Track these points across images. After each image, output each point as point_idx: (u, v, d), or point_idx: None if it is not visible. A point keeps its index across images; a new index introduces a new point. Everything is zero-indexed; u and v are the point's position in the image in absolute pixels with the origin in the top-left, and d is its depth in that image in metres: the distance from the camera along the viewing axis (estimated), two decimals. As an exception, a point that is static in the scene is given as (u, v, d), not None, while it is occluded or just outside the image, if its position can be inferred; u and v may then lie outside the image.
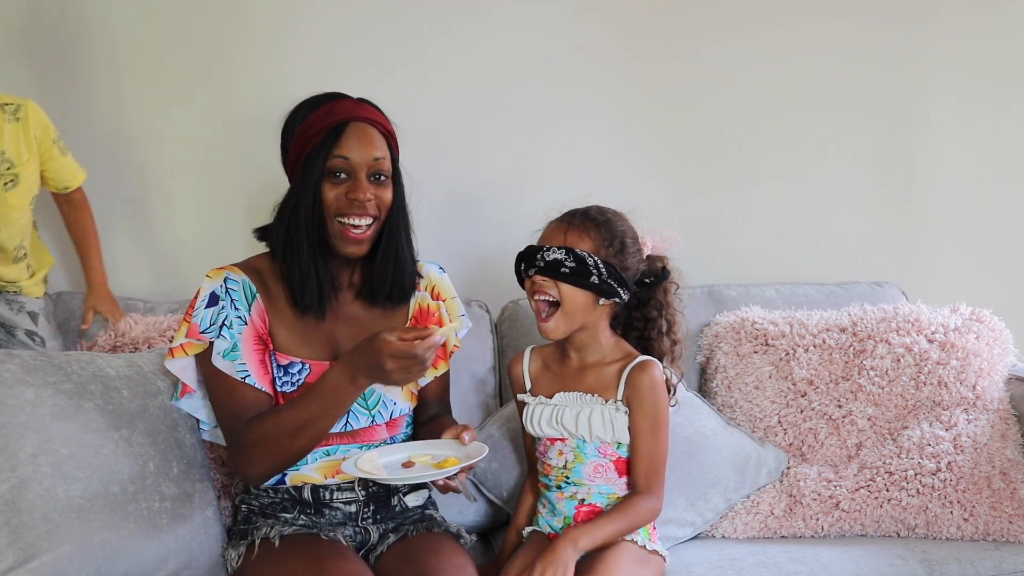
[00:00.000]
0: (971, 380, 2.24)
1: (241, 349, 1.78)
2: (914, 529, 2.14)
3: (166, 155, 2.55)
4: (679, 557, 2.02)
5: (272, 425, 1.74)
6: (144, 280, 2.53)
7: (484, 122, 2.65)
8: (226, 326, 1.78)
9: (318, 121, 1.78)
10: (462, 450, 1.77)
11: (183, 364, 1.84)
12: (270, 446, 1.74)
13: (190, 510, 1.85)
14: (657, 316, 1.96)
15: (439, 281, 2.02)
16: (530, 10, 2.65)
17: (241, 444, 1.76)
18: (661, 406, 1.89)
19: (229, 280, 1.81)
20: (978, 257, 2.84)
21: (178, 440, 1.90)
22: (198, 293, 1.82)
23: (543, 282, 1.86)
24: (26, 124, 2.11)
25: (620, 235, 1.90)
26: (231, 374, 1.77)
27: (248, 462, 1.76)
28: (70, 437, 1.75)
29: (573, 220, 1.89)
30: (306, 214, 1.78)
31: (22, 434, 1.72)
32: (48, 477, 1.70)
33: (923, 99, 2.81)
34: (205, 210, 2.57)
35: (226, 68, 2.55)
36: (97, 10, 2.49)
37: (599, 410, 1.89)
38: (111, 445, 1.79)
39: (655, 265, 1.97)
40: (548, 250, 1.85)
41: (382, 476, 1.72)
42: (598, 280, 1.84)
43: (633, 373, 1.89)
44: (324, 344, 1.86)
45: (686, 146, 2.74)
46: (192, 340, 1.80)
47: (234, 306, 1.79)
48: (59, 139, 2.20)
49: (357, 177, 1.79)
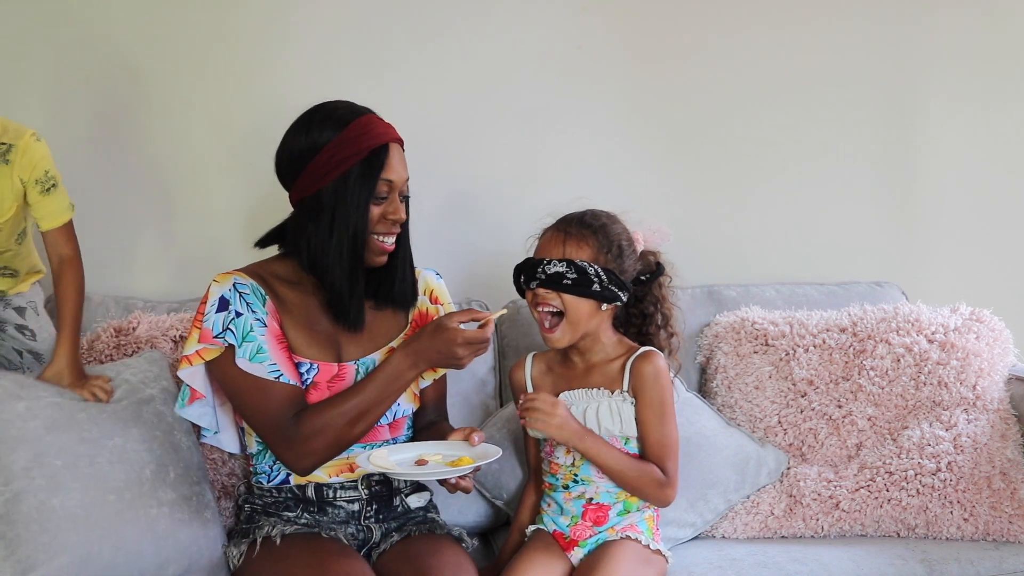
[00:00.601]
0: (971, 380, 2.24)
1: (268, 350, 1.81)
2: (914, 529, 2.15)
3: (166, 156, 2.55)
4: (679, 557, 2.02)
5: (333, 415, 1.80)
6: (144, 280, 2.53)
7: (483, 122, 2.65)
8: (246, 330, 1.80)
9: (354, 142, 1.82)
10: (474, 451, 1.80)
11: (192, 371, 1.85)
12: (330, 435, 1.80)
13: (188, 514, 1.85)
14: (654, 311, 1.99)
15: (437, 286, 2.07)
16: (530, 10, 2.65)
17: (293, 437, 1.80)
18: (667, 394, 1.90)
19: (239, 284, 1.84)
20: (978, 257, 2.84)
21: (174, 443, 1.91)
22: (206, 298, 1.84)
23: (546, 294, 1.87)
24: (12, 167, 1.91)
25: (617, 239, 1.91)
26: (263, 376, 1.80)
27: (302, 453, 1.80)
28: (63, 448, 1.76)
29: (570, 229, 1.90)
30: (353, 232, 1.82)
31: (14, 447, 1.73)
32: (43, 489, 1.70)
33: (923, 99, 2.80)
34: (205, 211, 2.56)
35: (226, 69, 2.54)
36: (97, 11, 2.49)
37: (606, 403, 1.90)
38: (106, 454, 1.80)
39: (649, 261, 1.98)
40: (548, 263, 1.86)
41: (401, 471, 1.75)
42: (600, 288, 1.86)
43: (637, 363, 1.90)
44: (329, 345, 1.90)
45: (686, 146, 2.74)
46: (207, 346, 1.81)
47: (250, 309, 1.82)
48: (47, 179, 1.95)
49: (394, 197, 1.87)
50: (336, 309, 1.87)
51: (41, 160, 1.94)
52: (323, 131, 1.83)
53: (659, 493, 1.89)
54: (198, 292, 2.35)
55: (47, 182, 1.95)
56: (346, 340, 1.91)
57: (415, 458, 1.80)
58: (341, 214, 1.82)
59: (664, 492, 1.89)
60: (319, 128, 1.84)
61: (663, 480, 1.89)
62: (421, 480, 1.86)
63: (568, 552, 1.91)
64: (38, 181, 1.93)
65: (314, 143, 1.83)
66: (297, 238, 1.87)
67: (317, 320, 1.90)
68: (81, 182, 2.47)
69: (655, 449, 1.89)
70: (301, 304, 1.89)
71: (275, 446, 1.83)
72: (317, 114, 1.86)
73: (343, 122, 1.84)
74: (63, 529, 1.69)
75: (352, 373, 1.90)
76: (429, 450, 1.83)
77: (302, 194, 1.85)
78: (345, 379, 1.89)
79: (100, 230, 2.43)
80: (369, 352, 1.93)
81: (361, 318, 1.88)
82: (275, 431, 1.81)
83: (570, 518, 1.93)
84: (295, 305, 1.89)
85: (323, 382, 1.87)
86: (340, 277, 1.84)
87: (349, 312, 1.86)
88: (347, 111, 1.86)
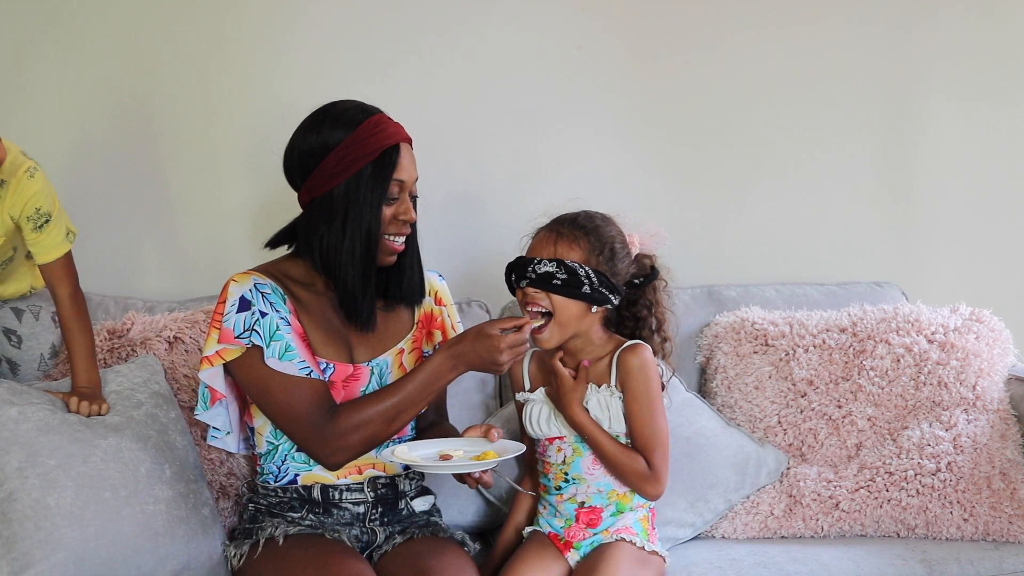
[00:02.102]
0: (971, 380, 2.24)
1: (295, 347, 1.82)
2: (914, 529, 2.15)
3: (172, 156, 2.55)
4: (679, 558, 2.03)
5: (372, 412, 1.83)
6: (149, 280, 2.53)
7: (484, 122, 2.65)
8: (272, 329, 1.81)
9: (365, 142, 1.82)
10: (494, 446, 1.83)
11: (212, 372, 1.86)
12: (368, 431, 1.83)
13: (186, 511, 1.85)
14: (647, 315, 1.98)
15: (440, 288, 2.09)
16: (530, 10, 2.65)
17: (327, 433, 1.81)
18: (653, 385, 1.90)
19: (259, 284, 1.84)
20: (978, 257, 2.83)
21: (169, 443, 1.92)
22: (224, 298, 1.84)
23: (535, 294, 1.87)
24: (3, 203, 1.88)
25: (609, 241, 1.90)
26: (294, 373, 1.81)
27: (337, 448, 1.82)
28: (56, 448, 1.77)
29: (562, 230, 1.89)
30: (366, 233, 1.83)
31: (7, 449, 1.74)
32: (36, 488, 1.71)
33: (923, 98, 2.80)
34: (210, 211, 2.57)
35: (230, 69, 2.54)
36: (104, 13, 2.49)
37: (595, 398, 1.90)
38: (99, 453, 1.80)
39: (644, 264, 1.97)
40: (539, 263, 1.86)
41: (429, 465, 1.77)
42: (590, 290, 1.85)
43: (623, 355, 1.90)
44: (342, 345, 1.90)
45: (686, 146, 2.74)
46: (227, 346, 1.82)
47: (274, 308, 1.82)
48: (38, 216, 1.90)
49: (404, 197, 1.88)
50: (348, 309, 1.87)
51: (32, 197, 1.89)
52: (334, 131, 1.83)
53: (643, 485, 1.89)
54: (203, 292, 2.37)
55: (39, 219, 1.90)
56: (356, 340, 1.92)
57: (437, 453, 1.82)
58: (354, 215, 1.82)
59: (648, 484, 1.89)
60: (330, 128, 1.84)
61: (647, 473, 1.88)
62: (449, 473, 1.87)
63: (565, 554, 1.92)
64: (29, 218, 1.90)
65: (325, 143, 1.83)
66: (309, 239, 1.87)
67: (329, 320, 1.90)
68: (86, 182, 2.50)
69: (641, 441, 1.89)
70: (314, 304, 1.90)
71: (306, 442, 1.84)
72: (327, 113, 1.86)
73: (354, 122, 1.83)
74: (59, 526, 1.69)
75: (367, 374, 1.91)
76: (449, 446, 1.85)
77: (312, 194, 1.85)
78: (360, 380, 1.90)
79: (105, 230, 2.44)
80: (379, 353, 1.94)
81: (373, 319, 1.89)
82: (307, 427, 1.82)
83: (564, 520, 1.93)
84: (309, 305, 1.89)
85: (339, 381, 1.88)
86: (353, 278, 1.84)
87: (361, 312, 1.87)
88: (358, 111, 1.86)
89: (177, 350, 2.16)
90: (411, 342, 1.98)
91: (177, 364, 2.14)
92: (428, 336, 2.04)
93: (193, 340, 2.18)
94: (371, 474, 1.91)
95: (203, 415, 1.92)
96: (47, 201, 1.92)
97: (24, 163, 1.90)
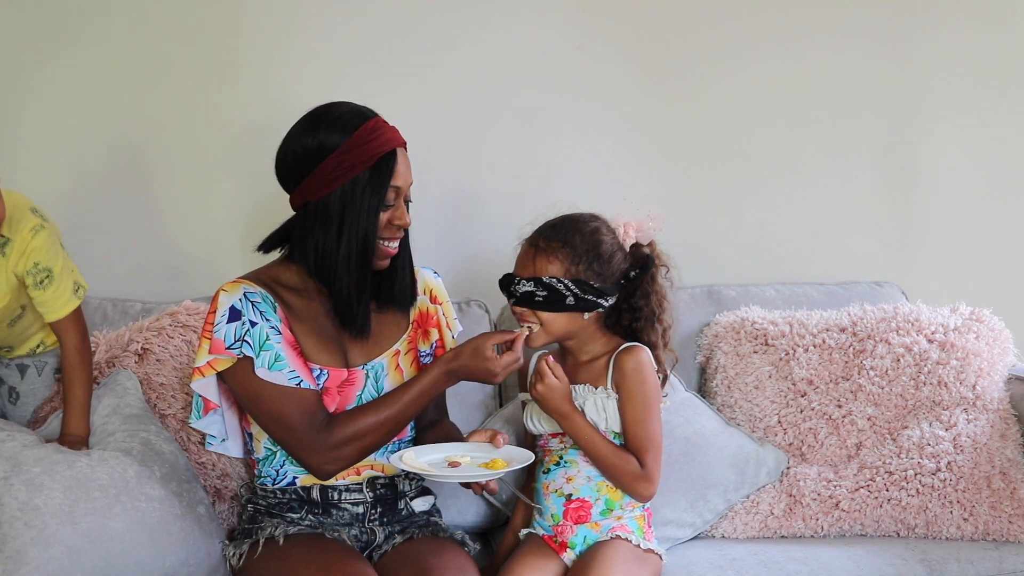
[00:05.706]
0: (971, 380, 2.24)
1: (285, 357, 1.80)
2: (914, 529, 2.15)
3: (164, 158, 2.55)
4: (679, 557, 2.03)
5: (367, 424, 1.82)
6: (141, 282, 2.53)
7: (484, 122, 2.65)
8: (262, 339, 1.79)
9: (362, 148, 1.80)
10: (500, 452, 1.82)
11: (204, 382, 1.85)
12: (364, 442, 1.82)
13: (181, 508, 1.86)
14: (644, 304, 1.96)
15: (435, 285, 2.06)
16: (530, 10, 2.65)
17: (320, 444, 1.80)
18: (648, 388, 1.90)
19: (249, 293, 1.82)
20: (978, 257, 2.83)
21: (155, 450, 1.93)
22: (214, 308, 1.82)
23: (523, 312, 1.89)
24: (8, 260, 1.86)
25: (592, 245, 1.89)
26: (283, 383, 1.79)
27: (332, 459, 1.81)
28: (41, 458, 1.78)
29: (539, 243, 1.90)
30: (363, 239, 1.82)
31: None
32: (23, 492, 1.72)
33: (923, 99, 2.80)
34: (202, 213, 2.57)
35: (227, 72, 2.54)
36: (99, 12, 2.49)
37: (592, 399, 1.91)
38: (85, 459, 1.82)
39: (640, 254, 1.96)
40: (519, 283, 1.88)
41: (437, 473, 1.76)
42: (574, 300, 1.86)
43: (619, 357, 1.91)
44: (336, 350, 1.89)
45: (686, 146, 2.74)
46: (218, 356, 1.80)
47: (264, 317, 1.80)
48: (39, 272, 1.88)
49: (400, 203, 1.87)
50: (343, 315, 1.86)
51: (33, 253, 1.87)
52: (330, 135, 1.81)
53: (635, 486, 1.89)
54: (195, 293, 2.36)
55: (38, 274, 1.88)
56: (351, 345, 1.90)
57: (442, 459, 1.81)
58: (351, 221, 1.80)
59: (640, 485, 1.89)
60: (326, 131, 1.81)
61: (639, 473, 1.88)
62: (456, 482, 1.85)
63: (561, 554, 1.92)
64: (28, 272, 1.88)
65: (321, 147, 1.80)
66: (303, 243, 1.85)
67: (323, 325, 1.89)
68: (79, 184, 2.49)
69: (634, 442, 1.89)
70: (307, 310, 1.88)
71: (298, 451, 1.82)
72: (323, 116, 1.83)
73: (351, 126, 1.81)
74: (49, 524, 1.70)
75: (362, 378, 1.90)
76: (455, 452, 1.84)
77: (307, 198, 1.83)
78: (355, 384, 1.89)
79: (97, 231, 2.43)
80: (375, 356, 1.93)
81: (368, 324, 1.87)
82: (298, 437, 1.80)
83: (551, 517, 1.93)
84: (302, 311, 1.87)
85: (333, 387, 1.87)
86: (348, 283, 1.83)
87: (356, 318, 1.85)
88: (355, 114, 1.84)
89: (148, 361, 2.11)
90: (407, 343, 1.97)
91: (151, 374, 2.10)
92: (424, 335, 2.02)
93: (163, 348, 2.13)
94: (369, 475, 1.91)
95: (197, 423, 1.91)
96: (47, 256, 1.89)
97: (31, 221, 1.88)
